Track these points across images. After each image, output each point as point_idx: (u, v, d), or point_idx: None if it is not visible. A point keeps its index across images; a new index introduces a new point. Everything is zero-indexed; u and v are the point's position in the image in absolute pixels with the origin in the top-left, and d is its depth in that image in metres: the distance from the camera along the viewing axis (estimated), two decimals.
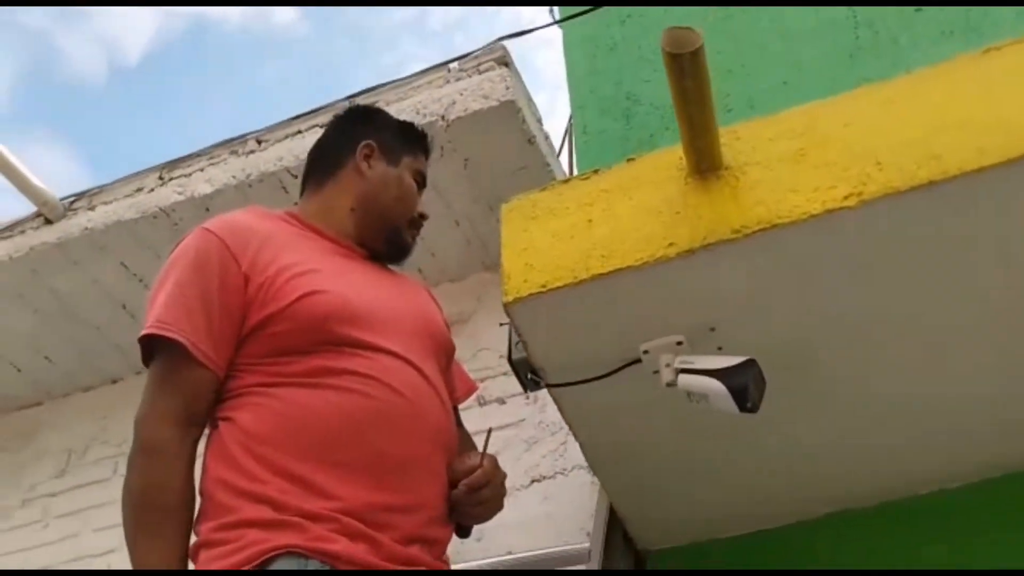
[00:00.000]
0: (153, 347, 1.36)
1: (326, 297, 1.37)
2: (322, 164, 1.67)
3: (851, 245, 1.34)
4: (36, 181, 2.91)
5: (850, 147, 1.33)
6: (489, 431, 1.49)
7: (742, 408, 1.30)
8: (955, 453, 1.77)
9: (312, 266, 1.42)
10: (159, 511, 1.26)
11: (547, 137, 2.66)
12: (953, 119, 1.31)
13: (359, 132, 1.68)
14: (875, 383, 1.59)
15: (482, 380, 2.49)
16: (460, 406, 1.70)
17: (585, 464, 2.02)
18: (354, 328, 1.37)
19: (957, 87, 1.36)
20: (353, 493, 1.26)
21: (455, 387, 1.67)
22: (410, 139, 1.72)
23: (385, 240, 1.60)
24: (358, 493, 1.27)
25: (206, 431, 1.38)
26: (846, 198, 1.28)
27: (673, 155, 1.44)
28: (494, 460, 1.44)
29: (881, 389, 1.60)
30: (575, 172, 3.06)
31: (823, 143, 1.36)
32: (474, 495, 1.37)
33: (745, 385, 1.29)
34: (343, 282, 1.44)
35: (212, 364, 1.34)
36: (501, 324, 1.58)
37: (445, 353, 1.57)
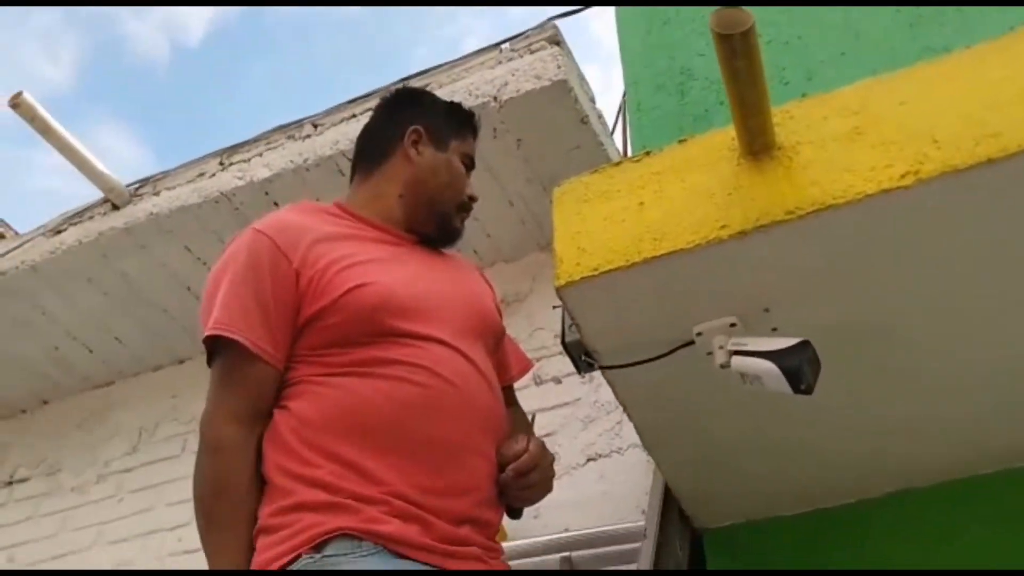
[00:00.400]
0: (215, 348, 1.41)
1: (374, 288, 1.41)
2: (370, 151, 1.69)
3: (908, 225, 1.32)
4: (102, 168, 3.01)
5: (906, 125, 1.31)
6: (533, 416, 1.51)
7: (796, 390, 1.29)
8: (1015, 433, 1.73)
9: (360, 258, 1.46)
10: (228, 506, 1.31)
11: (600, 116, 2.65)
12: (1012, 95, 1.28)
13: (407, 117, 1.68)
14: (932, 362, 1.57)
15: (538, 359, 2.52)
16: (517, 384, 1.72)
17: (640, 443, 2.03)
18: (402, 319, 1.40)
19: (1016, 61, 1.32)
20: (404, 477, 1.30)
21: (509, 366, 1.69)
22: (458, 121, 1.72)
23: (435, 226, 1.62)
24: (409, 477, 1.30)
25: None
26: (903, 177, 1.26)
27: (725, 136, 1.43)
28: (541, 444, 1.46)
29: (938, 369, 1.58)
30: (629, 150, 3.04)
31: (878, 121, 1.33)
32: (522, 479, 1.40)
33: (799, 366, 1.28)
34: (391, 273, 1.47)
35: (272, 359, 1.38)
36: (555, 307, 1.59)
37: (494, 335, 1.59)
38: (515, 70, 2.50)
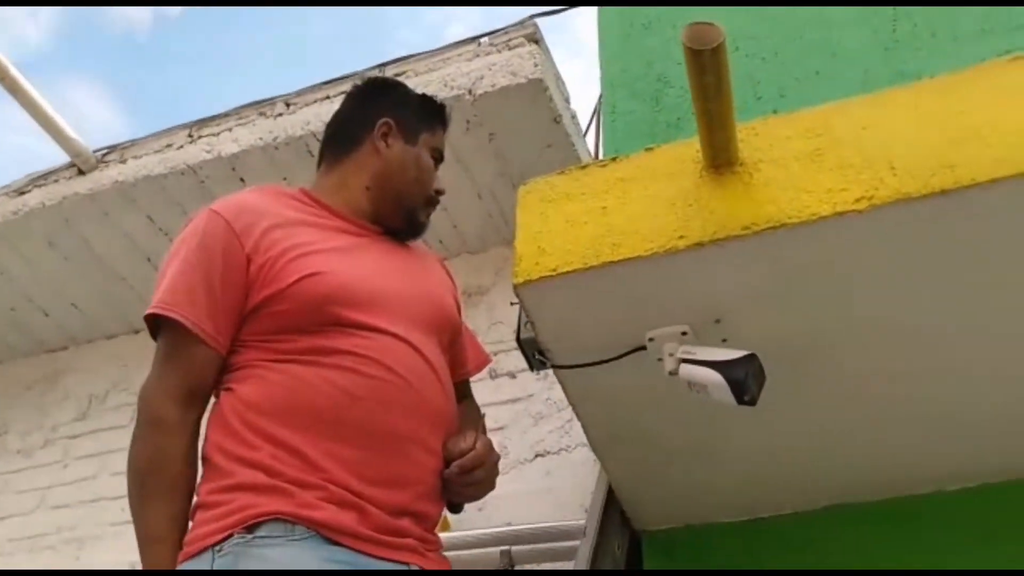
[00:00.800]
0: (159, 325, 1.41)
1: (325, 279, 1.41)
2: (339, 139, 1.68)
3: (859, 248, 1.35)
4: (70, 132, 2.97)
5: (865, 150, 1.34)
6: (482, 416, 1.53)
7: (739, 400, 1.32)
8: (955, 456, 1.78)
9: (317, 247, 1.46)
10: (161, 479, 1.32)
11: (574, 116, 2.67)
12: (972, 128, 1.31)
13: (378, 107, 1.67)
14: (876, 384, 1.61)
15: (495, 353, 2.53)
16: (473, 378, 1.74)
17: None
18: (353, 310, 1.40)
19: (979, 95, 1.36)
20: (345, 465, 1.31)
21: (466, 360, 1.71)
22: (429, 114, 1.71)
23: (401, 220, 1.63)
24: (350, 465, 1.31)
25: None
26: (857, 201, 1.29)
27: (690, 148, 1.45)
28: (488, 443, 1.47)
29: (882, 390, 1.62)
30: (601, 151, 3.06)
31: (839, 144, 1.36)
32: (466, 476, 1.41)
33: (744, 378, 1.31)
34: (347, 263, 1.47)
35: (213, 342, 1.39)
36: (512, 303, 1.60)
37: (450, 331, 1.60)
38: (492, 65, 2.51)
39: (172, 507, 1.31)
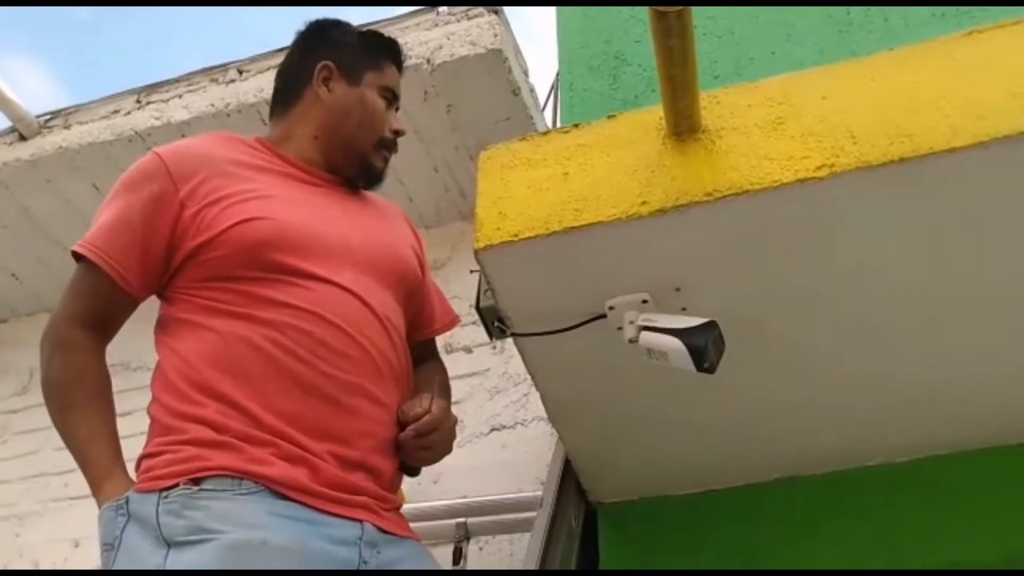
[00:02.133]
0: (79, 259, 1.42)
1: (263, 223, 1.38)
2: (283, 90, 1.64)
3: (820, 216, 1.36)
4: (12, 95, 2.87)
5: (826, 119, 1.34)
6: (445, 374, 1.52)
7: (699, 368, 1.32)
8: (904, 429, 1.81)
9: (260, 193, 1.43)
10: (82, 391, 1.34)
11: (532, 90, 2.65)
12: (929, 99, 1.33)
13: (317, 53, 1.62)
14: (832, 355, 1.62)
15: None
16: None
17: (545, 416, 2.04)
18: (292, 256, 1.38)
19: (936, 67, 1.37)
20: (290, 419, 1.29)
21: (433, 318, 1.68)
22: (373, 51, 1.64)
23: (354, 167, 1.58)
24: (295, 420, 1.29)
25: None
26: (818, 168, 1.30)
27: (653, 115, 1.45)
28: (444, 406, 1.46)
29: (837, 362, 1.63)
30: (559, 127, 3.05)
31: (800, 113, 1.37)
32: (421, 439, 1.39)
33: (704, 345, 1.31)
34: (292, 210, 1.43)
35: (125, 284, 1.39)
36: (472, 271, 1.59)
37: (405, 283, 1.56)
38: (451, 34, 2.48)
39: (95, 413, 1.33)
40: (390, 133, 1.60)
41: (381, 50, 1.64)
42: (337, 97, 1.58)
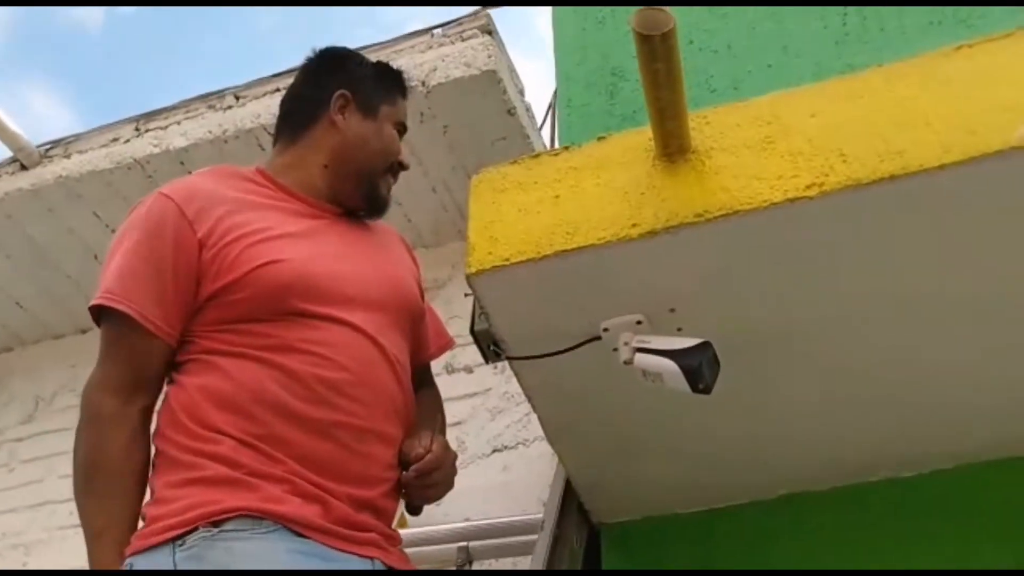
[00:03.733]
0: (104, 316, 1.36)
1: (285, 267, 1.36)
2: (294, 116, 1.62)
3: (811, 235, 1.35)
4: (13, 126, 2.90)
5: (815, 138, 1.34)
6: (442, 408, 1.52)
7: (695, 389, 1.32)
8: (908, 443, 1.80)
9: (275, 232, 1.41)
10: (103, 475, 1.29)
11: (528, 108, 2.66)
12: (919, 115, 1.32)
13: (333, 81, 1.60)
14: (829, 371, 1.62)
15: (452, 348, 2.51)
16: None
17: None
18: (311, 300, 1.36)
19: (926, 83, 1.37)
20: (302, 459, 1.28)
21: (427, 344, 1.66)
22: (388, 84, 1.64)
23: (362, 197, 1.57)
24: (308, 459, 1.28)
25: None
26: (808, 187, 1.29)
27: (643, 136, 1.44)
28: (444, 443, 1.45)
29: (835, 377, 1.63)
30: (556, 144, 3.06)
31: (789, 132, 1.37)
32: (424, 478, 1.38)
33: (699, 366, 1.31)
34: (306, 249, 1.42)
35: (161, 332, 1.34)
36: (466, 295, 1.58)
37: (411, 316, 1.55)
38: (445, 56, 2.49)
39: (111, 502, 1.27)
40: (397, 164, 1.61)
41: (393, 84, 1.65)
42: (352, 127, 1.57)
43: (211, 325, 1.36)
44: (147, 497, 1.31)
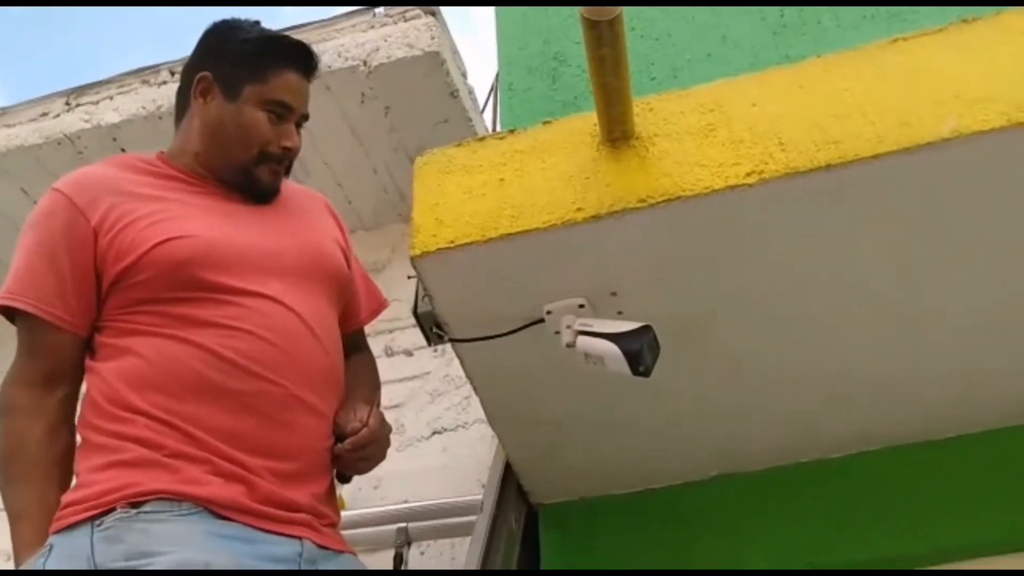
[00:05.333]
0: (13, 314, 1.37)
1: (187, 242, 1.35)
2: (177, 99, 1.58)
3: (751, 221, 1.38)
4: None
5: (755, 126, 1.37)
6: (375, 372, 1.52)
7: (635, 371, 1.34)
8: (837, 425, 1.85)
9: (173, 213, 1.39)
10: (21, 463, 1.29)
11: (471, 91, 2.65)
12: (856, 106, 1.36)
13: (200, 61, 1.52)
14: (764, 355, 1.66)
15: (391, 331, 2.51)
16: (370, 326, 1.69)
17: (486, 419, 2.05)
18: (216, 272, 1.35)
19: (862, 75, 1.41)
20: (224, 436, 1.27)
21: (359, 309, 1.64)
22: (259, 63, 1.49)
23: (237, 185, 1.50)
24: (229, 436, 1.27)
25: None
26: (748, 175, 1.32)
27: (587, 122, 1.46)
28: (380, 417, 1.45)
29: (770, 362, 1.67)
30: (499, 128, 3.06)
31: (730, 120, 1.40)
32: (358, 451, 1.38)
33: (639, 349, 1.33)
34: (205, 224, 1.40)
35: (66, 324, 1.35)
36: (410, 277, 1.58)
37: (336, 282, 1.53)
38: (387, 36, 2.46)
39: (30, 487, 1.28)
40: (277, 148, 1.49)
41: (269, 60, 1.50)
42: (212, 112, 1.49)
43: (120, 309, 1.36)
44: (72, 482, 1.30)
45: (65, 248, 1.35)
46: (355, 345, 1.63)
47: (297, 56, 1.52)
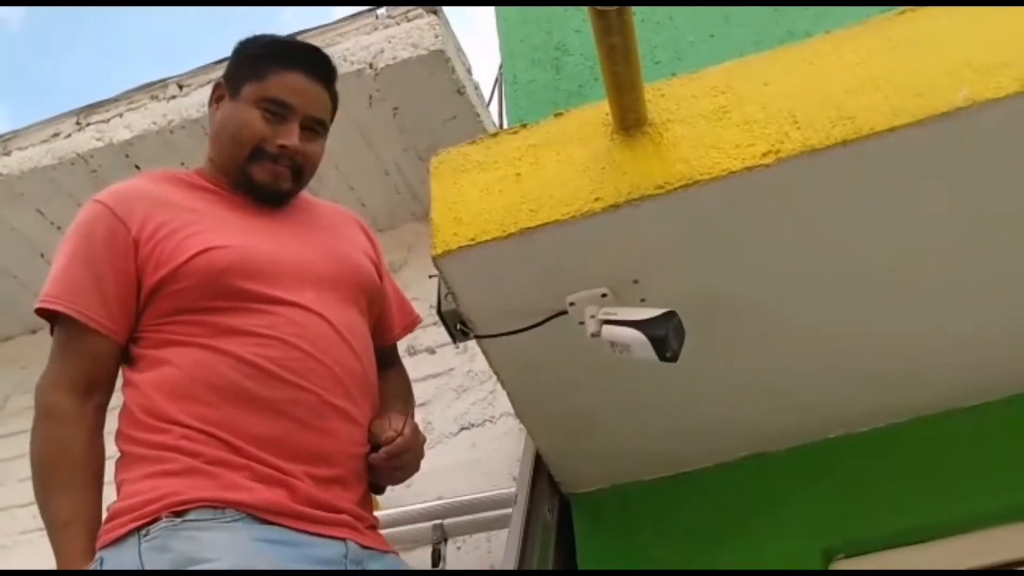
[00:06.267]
0: (53, 319, 1.39)
1: (224, 252, 1.38)
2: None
3: (769, 201, 1.38)
4: None
5: (769, 106, 1.37)
6: (410, 388, 1.53)
7: (662, 357, 1.35)
8: (862, 399, 1.85)
9: (209, 224, 1.42)
10: (64, 469, 1.31)
11: (477, 87, 2.66)
12: (868, 80, 1.36)
13: (224, 72, 1.57)
14: (789, 335, 1.66)
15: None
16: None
17: (512, 411, 2.06)
18: (254, 282, 1.37)
19: (873, 48, 1.40)
20: (260, 442, 1.29)
21: (392, 324, 1.67)
22: (258, 62, 1.52)
23: (240, 186, 1.51)
24: (265, 443, 1.29)
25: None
26: (764, 155, 1.32)
27: (599, 111, 1.46)
28: (415, 427, 1.47)
29: (795, 339, 1.67)
30: (505, 122, 3.06)
31: (743, 101, 1.40)
32: (393, 460, 1.40)
33: (665, 335, 1.34)
34: (243, 235, 1.43)
35: (107, 330, 1.36)
36: (431, 276, 1.59)
37: (366, 293, 1.55)
38: (391, 37, 2.47)
39: (76, 494, 1.30)
40: (273, 147, 1.48)
41: (271, 60, 1.51)
42: (218, 116, 1.52)
43: (157, 319, 1.38)
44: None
45: (107, 256, 1.38)
46: (388, 360, 1.65)
47: (302, 57, 1.53)
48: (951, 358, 1.76)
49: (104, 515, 1.29)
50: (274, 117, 1.48)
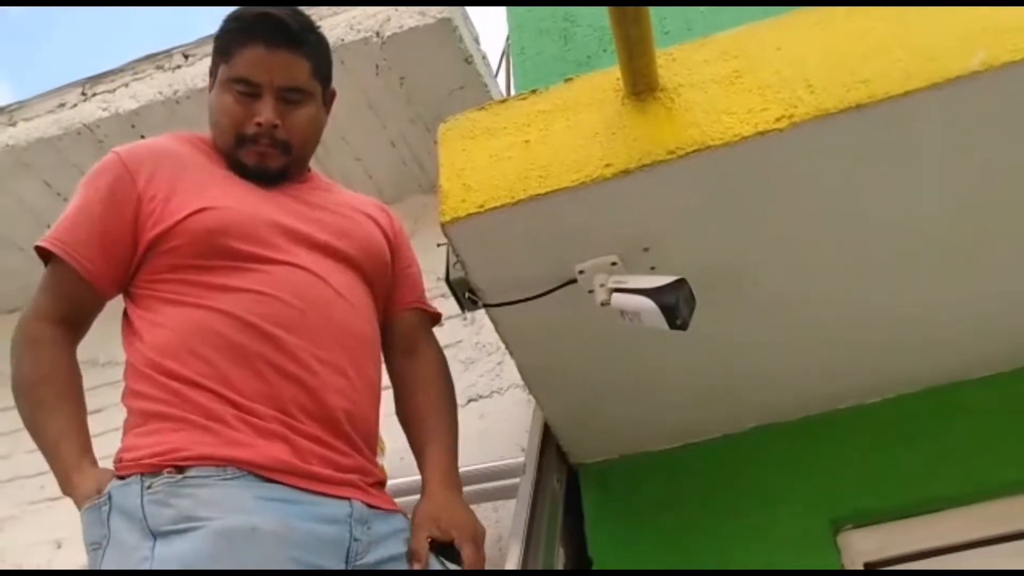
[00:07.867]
0: (47, 259, 1.44)
1: (217, 213, 1.40)
2: None
3: (782, 166, 1.37)
4: None
5: (782, 70, 1.35)
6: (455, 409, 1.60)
7: (672, 325, 1.34)
8: (872, 370, 1.85)
9: (211, 186, 1.44)
10: (51, 388, 1.36)
11: (484, 57, 2.63)
12: (881, 44, 1.34)
13: None
14: (800, 304, 1.65)
15: None
16: None
17: (520, 383, 2.06)
18: (249, 243, 1.39)
19: (885, 12, 1.38)
20: (261, 398, 1.30)
21: (402, 295, 1.67)
22: (224, 41, 1.50)
23: (238, 172, 1.51)
24: (266, 398, 1.30)
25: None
26: (778, 120, 1.31)
27: (610, 77, 1.44)
28: (480, 537, 1.41)
29: (805, 310, 1.66)
30: (512, 93, 3.04)
31: (755, 65, 1.38)
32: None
33: (675, 303, 1.33)
34: (243, 201, 1.45)
35: (88, 273, 1.40)
36: (439, 244, 1.58)
37: (370, 263, 1.55)
38: (398, 5, 2.44)
39: (65, 408, 1.35)
40: (252, 128, 1.47)
41: (232, 36, 1.49)
42: (209, 103, 1.54)
43: (154, 275, 1.41)
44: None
45: (107, 201, 1.42)
46: (411, 337, 1.64)
47: (260, 28, 1.47)
48: (961, 329, 1.75)
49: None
50: (245, 97, 1.47)
